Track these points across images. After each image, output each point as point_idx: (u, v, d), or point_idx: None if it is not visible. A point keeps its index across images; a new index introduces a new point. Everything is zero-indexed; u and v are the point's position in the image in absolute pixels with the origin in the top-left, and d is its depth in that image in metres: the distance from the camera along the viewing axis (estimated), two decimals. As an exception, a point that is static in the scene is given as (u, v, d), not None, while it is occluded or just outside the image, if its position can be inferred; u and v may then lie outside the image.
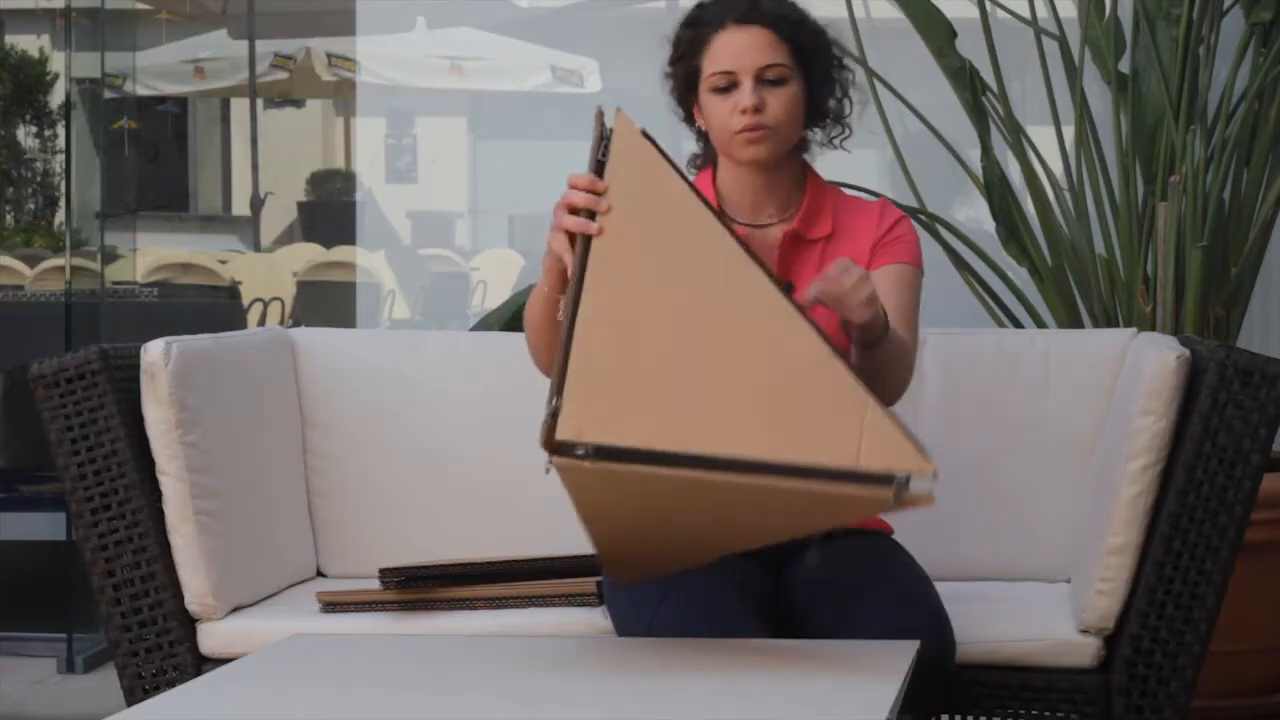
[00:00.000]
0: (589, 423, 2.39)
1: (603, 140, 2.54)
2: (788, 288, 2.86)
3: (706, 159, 2.96)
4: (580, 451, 2.38)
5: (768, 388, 2.42)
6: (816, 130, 2.92)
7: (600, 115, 2.55)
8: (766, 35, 2.81)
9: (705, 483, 2.39)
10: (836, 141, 2.94)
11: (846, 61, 2.92)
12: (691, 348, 2.44)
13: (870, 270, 2.86)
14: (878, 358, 2.68)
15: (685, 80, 2.88)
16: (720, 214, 2.56)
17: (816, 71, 2.86)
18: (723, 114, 2.82)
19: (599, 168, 2.53)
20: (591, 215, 2.49)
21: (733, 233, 2.50)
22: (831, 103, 2.90)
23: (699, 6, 2.88)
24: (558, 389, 2.40)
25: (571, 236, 2.52)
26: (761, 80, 2.80)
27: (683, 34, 2.87)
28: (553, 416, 2.39)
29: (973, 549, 3.29)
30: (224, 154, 16.29)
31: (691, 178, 2.95)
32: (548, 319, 2.70)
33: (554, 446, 2.39)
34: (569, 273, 2.50)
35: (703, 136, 2.94)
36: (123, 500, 2.99)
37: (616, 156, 2.52)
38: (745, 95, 2.79)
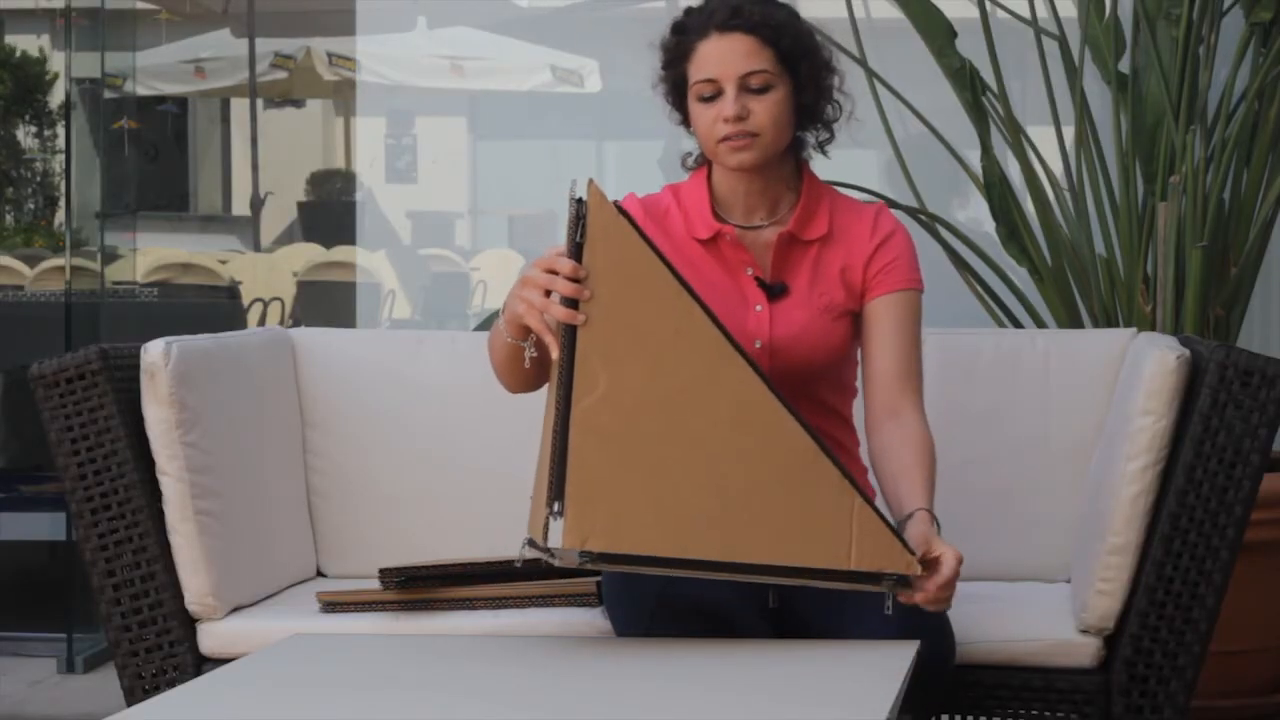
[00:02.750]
0: (592, 533, 2.46)
1: (579, 220, 2.53)
2: (781, 289, 2.87)
3: (702, 159, 2.95)
4: (583, 558, 2.45)
5: (761, 489, 2.49)
6: (810, 132, 2.93)
7: (573, 190, 2.54)
8: (749, 42, 2.81)
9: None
10: (825, 148, 2.94)
11: (837, 63, 2.92)
12: (684, 448, 2.49)
13: (868, 301, 2.89)
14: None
15: (675, 86, 2.89)
16: (700, 298, 2.56)
17: (804, 74, 2.86)
18: (707, 123, 2.83)
19: (578, 250, 2.53)
20: (575, 304, 2.51)
21: (709, 312, 2.52)
22: (823, 104, 2.90)
23: (685, 12, 2.89)
24: (558, 492, 2.45)
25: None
26: (745, 88, 2.81)
27: (669, 41, 2.89)
28: (552, 517, 2.46)
29: (973, 549, 3.28)
30: (224, 154, 16.28)
31: (686, 177, 2.97)
32: (511, 358, 2.73)
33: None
34: (553, 355, 2.53)
35: None
36: (123, 500, 2.99)
37: (594, 237, 2.53)
38: (728, 104, 2.80)
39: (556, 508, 2.45)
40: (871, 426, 2.86)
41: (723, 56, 2.81)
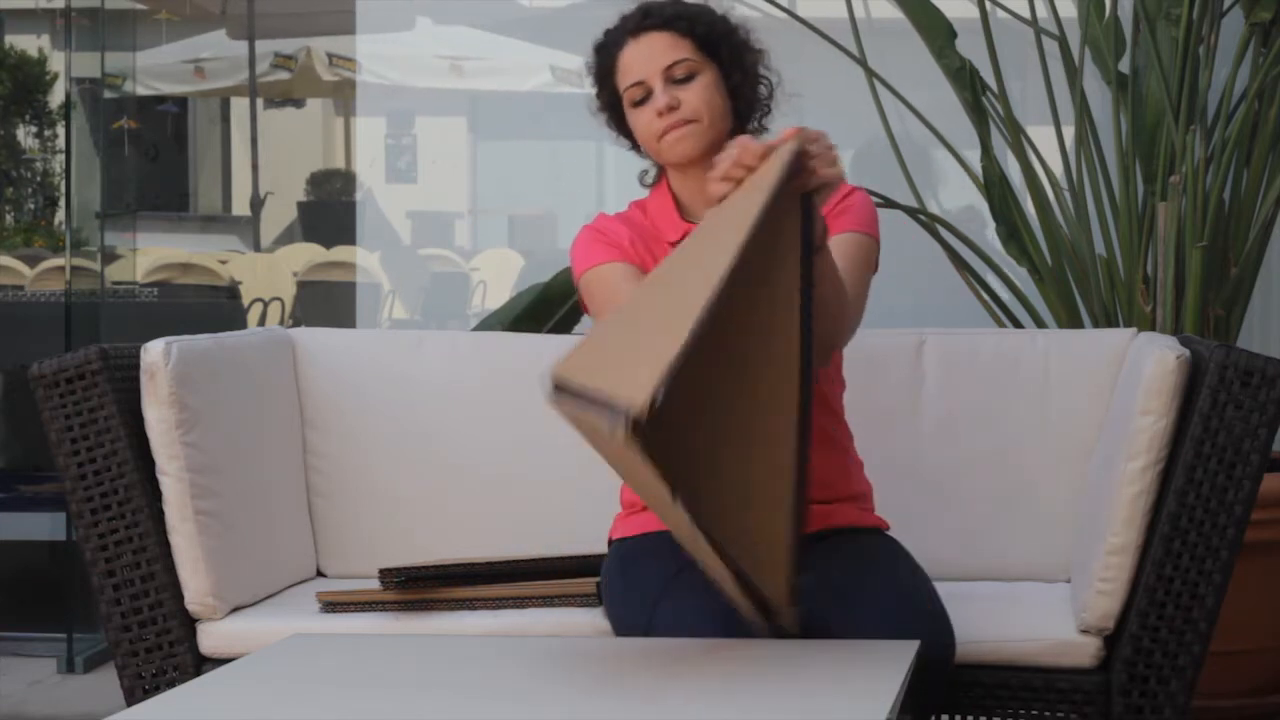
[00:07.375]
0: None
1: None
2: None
3: (659, 171, 2.98)
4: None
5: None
6: (752, 119, 2.93)
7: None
8: (664, 38, 2.87)
9: None
10: (763, 122, 2.94)
11: (759, 43, 2.94)
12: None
13: None
14: (821, 271, 2.60)
15: (612, 105, 2.94)
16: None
17: (727, 57, 2.89)
18: (644, 123, 2.87)
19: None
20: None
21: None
22: (750, 84, 2.91)
23: (604, 32, 2.94)
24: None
25: None
26: (671, 81, 2.85)
27: (594, 62, 2.95)
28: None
29: (973, 549, 3.29)
30: (224, 154, 16.29)
31: (645, 194, 2.98)
32: None
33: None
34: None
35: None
36: (123, 500, 2.99)
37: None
38: (658, 99, 2.85)
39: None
40: None
41: (642, 57, 2.87)
